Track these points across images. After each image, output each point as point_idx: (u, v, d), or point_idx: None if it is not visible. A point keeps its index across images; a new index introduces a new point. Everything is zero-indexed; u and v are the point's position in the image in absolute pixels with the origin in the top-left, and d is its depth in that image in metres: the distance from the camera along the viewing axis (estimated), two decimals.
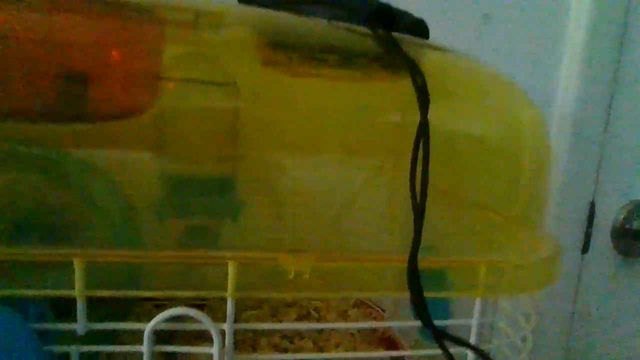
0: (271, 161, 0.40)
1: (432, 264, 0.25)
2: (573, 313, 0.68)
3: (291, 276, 0.24)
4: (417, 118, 0.26)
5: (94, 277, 0.23)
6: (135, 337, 0.24)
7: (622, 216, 0.69)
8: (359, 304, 0.58)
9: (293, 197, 0.38)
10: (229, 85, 0.39)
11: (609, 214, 0.68)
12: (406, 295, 0.24)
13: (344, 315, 0.55)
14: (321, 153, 0.41)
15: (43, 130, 0.35)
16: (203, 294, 0.24)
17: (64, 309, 0.24)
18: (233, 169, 0.39)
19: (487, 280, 0.25)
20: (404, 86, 0.36)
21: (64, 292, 0.23)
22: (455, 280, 0.26)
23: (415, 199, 0.23)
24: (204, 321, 0.23)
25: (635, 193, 0.67)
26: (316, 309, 0.56)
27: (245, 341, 0.46)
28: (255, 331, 0.49)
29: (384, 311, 0.57)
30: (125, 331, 0.26)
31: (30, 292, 0.23)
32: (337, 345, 0.50)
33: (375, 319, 0.56)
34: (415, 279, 0.22)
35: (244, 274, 0.24)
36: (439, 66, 0.25)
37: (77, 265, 0.22)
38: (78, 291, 0.23)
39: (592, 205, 0.66)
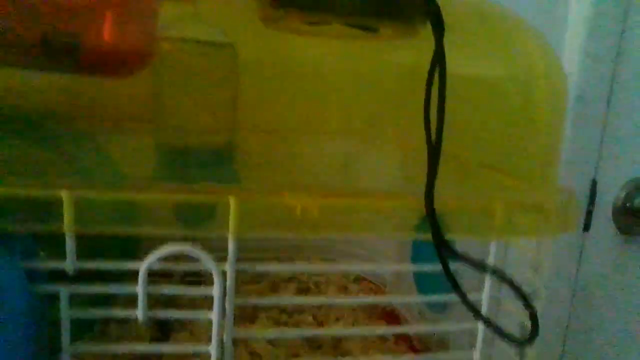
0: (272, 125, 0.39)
1: (449, 204, 0.23)
2: (574, 290, 0.67)
3: (298, 213, 0.22)
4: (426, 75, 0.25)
5: (85, 217, 0.21)
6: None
7: (624, 194, 0.68)
8: (359, 278, 0.56)
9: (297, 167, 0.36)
10: (226, 46, 0.37)
11: (610, 192, 0.67)
12: (414, 235, 0.23)
13: (344, 290, 0.54)
14: (325, 119, 0.39)
15: (35, 90, 0.34)
16: (202, 232, 0.22)
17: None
18: (232, 134, 0.37)
19: (503, 222, 0.24)
20: (412, 43, 0.34)
21: (53, 227, 0.21)
22: (471, 223, 0.24)
23: (429, 129, 0.22)
24: (204, 259, 0.22)
25: (637, 171, 0.67)
26: (316, 284, 0.54)
27: (243, 316, 0.45)
28: (254, 306, 0.48)
29: (384, 286, 0.55)
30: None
31: (18, 227, 0.21)
32: (337, 319, 0.49)
33: (375, 294, 0.54)
34: (432, 213, 0.21)
35: (248, 213, 0.22)
36: (448, 2, 0.24)
37: (66, 199, 0.21)
38: (67, 226, 0.21)
39: (594, 183, 0.66)
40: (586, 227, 0.66)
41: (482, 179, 0.30)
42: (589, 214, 0.66)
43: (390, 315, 0.50)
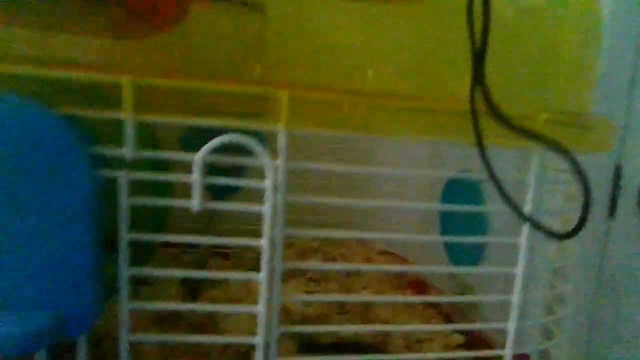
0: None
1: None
2: (600, 276, 0.66)
3: (345, 110, 0.23)
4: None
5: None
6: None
7: None
8: (384, 252, 0.56)
9: None
10: (255, 6, 0.38)
11: (635, 177, 0.67)
12: (456, 137, 0.23)
13: (368, 262, 0.54)
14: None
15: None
16: (256, 124, 0.23)
17: None
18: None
19: (545, 133, 0.24)
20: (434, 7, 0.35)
21: (113, 114, 0.22)
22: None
23: (473, 34, 0.23)
24: (257, 151, 0.23)
25: None
26: (342, 255, 0.54)
27: None
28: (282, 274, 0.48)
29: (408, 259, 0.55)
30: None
31: (81, 113, 0.22)
32: (363, 288, 0.49)
33: (401, 265, 0.54)
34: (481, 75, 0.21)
35: (297, 109, 0.23)
36: None
37: (126, 87, 0.22)
38: (126, 113, 0.22)
39: (618, 169, 0.66)
40: (611, 212, 0.66)
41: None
42: (614, 199, 0.65)
43: (418, 284, 0.50)
